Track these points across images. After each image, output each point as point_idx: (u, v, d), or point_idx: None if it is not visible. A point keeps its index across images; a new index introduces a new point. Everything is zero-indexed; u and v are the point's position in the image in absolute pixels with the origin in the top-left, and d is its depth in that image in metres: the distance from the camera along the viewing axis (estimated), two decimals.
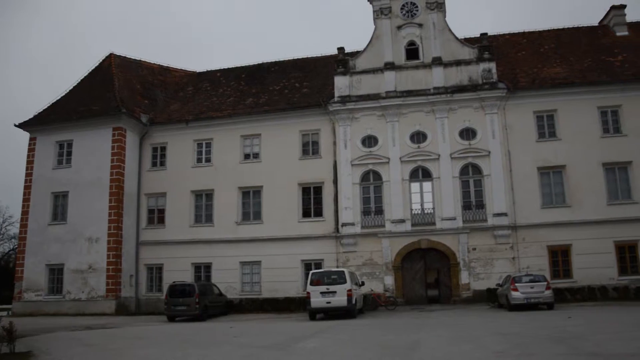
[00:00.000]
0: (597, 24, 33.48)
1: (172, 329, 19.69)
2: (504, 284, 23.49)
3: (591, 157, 27.46)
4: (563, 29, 33.15)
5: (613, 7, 32.58)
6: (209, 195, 30.73)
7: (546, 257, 26.98)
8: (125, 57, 35.21)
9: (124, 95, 31.82)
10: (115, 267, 28.77)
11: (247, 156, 30.90)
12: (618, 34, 31.84)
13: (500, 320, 18.08)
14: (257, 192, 30.26)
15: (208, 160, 31.17)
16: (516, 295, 21.60)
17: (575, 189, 27.41)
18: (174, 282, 25.49)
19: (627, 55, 29.96)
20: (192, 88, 35.07)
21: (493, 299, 25.30)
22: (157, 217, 31.21)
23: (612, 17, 32.57)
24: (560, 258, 26.98)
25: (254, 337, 15.74)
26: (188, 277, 29.10)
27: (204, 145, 31.34)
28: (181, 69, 37.00)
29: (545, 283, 21.99)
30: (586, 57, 30.36)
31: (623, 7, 32.38)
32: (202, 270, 30.00)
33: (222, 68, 36.12)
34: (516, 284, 21.81)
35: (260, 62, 35.60)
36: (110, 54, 34.52)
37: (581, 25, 33.27)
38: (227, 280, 28.92)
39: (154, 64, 36.42)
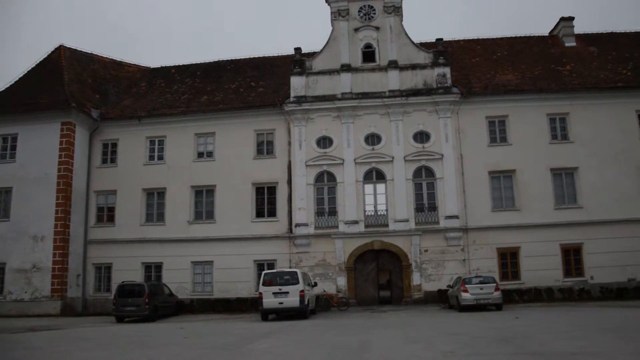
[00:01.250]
0: (547, 34, 34.47)
1: (120, 330, 19.17)
2: (455, 285, 23.89)
3: (540, 162, 28.25)
4: (515, 38, 33.98)
5: (562, 19, 33.62)
6: (161, 193, 30.14)
7: (496, 259, 27.60)
8: (75, 49, 34.04)
9: (74, 89, 30.81)
10: (61, 267, 27.80)
11: (200, 155, 30.46)
12: (567, 44, 32.87)
13: (450, 320, 18.34)
14: (210, 191, 29.86)
15: (161, 158, 30.57)
16: (466, 296, 22.00)
17: (524, 193, 28.13)
18: (123, 281, 24.84)
19: (575, 65, 30.98)
20: (145, 84, 34.33)
21: (444, 300, 25.72)
22: (106, 215, 30.38)
23: (561, 28, 33.59)
24: (509, 260, 27.67)
25: (204, 338, 15.49)
26: (138, 277, 28.41)
27: (156, 142, 30.73)
28: (134, 64, 36.14)
29: (495, 284, 22.49)
30: (537, 66, 31.20)
31: (572, 19, 33.47)
32: (153, 270, 29.38)
33: (176, 65, 35.48)
34: (466, 286, 22.23)
35: (216, 59, 35.15)
36: (60, 46, 33.30)
37: (532, 35, 34.19)
38: (178, 280, 28.42)
39: (106, 57, 35.43)
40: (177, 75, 34.51)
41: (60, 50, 33.04)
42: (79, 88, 31.42)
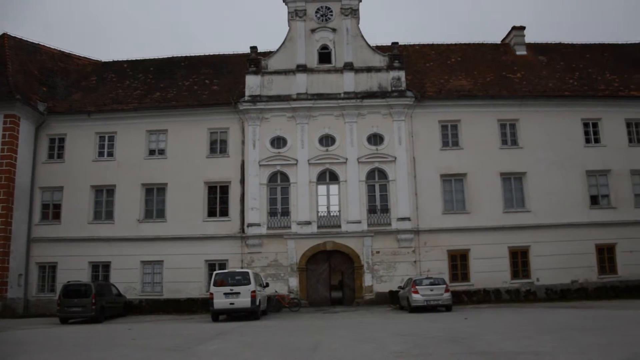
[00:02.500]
0: (499, 42, 35.28)
1: (65, 331, 18.53)
2: (406, 286, 24.11)
3: (490, 166, 28.90)
4: (469, 44, 34.64)
5: (514, 28, 34.50)
6: (110, 191, 29.36)
7: (446, 260, 28.05)
8: (21, 39, 32.45)
9: (19, 81, 29.49)
10: (1, 266, 26.63)
11: (152, 152, 29.85)
12: (518, 52, 33.73)
13: (400, 321, 18.49)
14: (161, 189, 29.28)
15: (110, 154, 29.78)
16: (417, 297, 22.24)
17: (474, 196, 28.69)
18: (68, 281, 24.08)
19: (525, 73, 31.82)
20: (96, 78, 33.33)
21: (395, 301, 25.93)
22: (52, 212, 29.33)
23: (513, 37, 34.45)
24: (459, 262, 28.18)
25: (153, 339, 15.14)
26: (85, 276, 27.57)
27: (106, 138, 29.91)
28: (85, 57, 34.93)
29: (445, 286, 22.81)
30: (489, 72, 31.88)
31: (523, 28, 34.42)
32: (100, 269, 28.55)
33: (129, 59, 34.57)
34: (417, 287, 22.45)
35: (170, 55, 34.49)
36: (4, 34, 31.64)
37: (485, 42, 34.94)
38: (126, 280, 27.75)
39: (54, 49, 34.10)
40: (129, 70, 33.70)
41: (4, 39, 31.39)
42: (24, 79, 30.15)
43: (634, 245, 28.56)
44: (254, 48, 30.45)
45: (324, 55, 30.05)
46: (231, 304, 21.07)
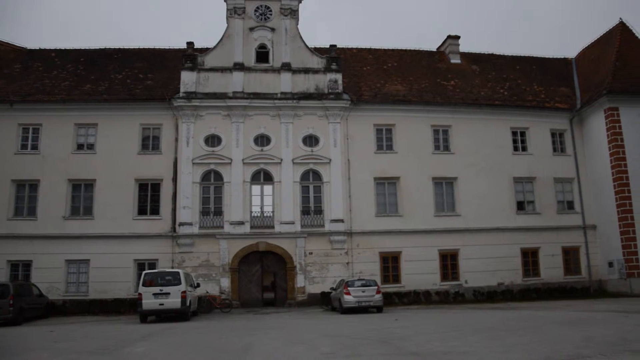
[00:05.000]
0: (435, 50, 36.08)
1: None
2: (338, 288, 24.22)
3: (423, 171, 29.52)
4: (406, 50, 35.24)
5: (449, 37, 35.39)
6: (33, 185, 27.98)
7: (378, 262, 28.39)
8: None
9: None
10: None
11: (80, 146, 28.68)
12: (452, 61, 34.64)
13: (332, 322, 18.54)
14: (89, 185, 28.19)
15: (35, 147, 28.36)
16: (348, 298, 22.36)
17: (407, 200, 29.19)
18: None
19: (458, 81, 32.71)
20: (20, 66, 31.60)
21: (327, 302, 26.01)
22: None
23: (448, 45, 35.33)
24: (390, 264, 28.58)
25: (76, 341, 14.47)
26: (2, 276, 26.18)
27: (30, 130, 28.47)
28: (7, 43, 32.94)
29: (376, 287, 23.06)
30: (424, 79, 32.55)
31: (457, 37, 35.37)
32: (20, 268, 27.08)
33: (57, 48, 33.04)
34: (349, 288, 22.60)
35: (102, 47, 33.25)
36: None
37: (421, 49, 35.65)
38: (50, 280, 26.42)
39: None
40: (57, 60, 32.17)
41: None
42: None
43: (556, 249, 30.01)
44: (190, 44, 29.88)
45: (262, 55, 29.83)
46: (160, 304, 20.58)
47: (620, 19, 33.36)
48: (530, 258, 29.84)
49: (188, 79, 28.91)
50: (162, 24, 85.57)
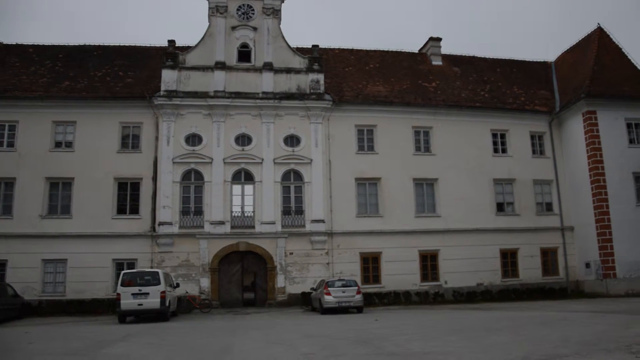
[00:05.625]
0: (417, 52, 36.24)
1: None
2: (318, 288, 24.21)
3: (404, 172, 29.63)
4: (387, 52, 35.34)
5: (431, 39, 35.55)
6: (10, 184, 27.50)
7: (358, 263, 28.44)
8: None
9: None
10: None
11: (58, 144, 28.29)
12: (434, 62, 34.81)
13: (312, 323, 18.53)
14: (67, 184, 27.80)
15: (11, 144, 27.87)
16: (329, 299, 22.36)
17: (387, 200, 29.27)
18: None
19: (440, 82, 32.91)
20: None
21: (307, 302, 25.99)
22: None
23: (429, 47, 35.50)
24: (370, 264, 28.64)
25: (53, 343, 14.22)
26: None
27: (6, 127, 27.96)
28: None
29: (356, 288, 23.08)
30: (405, 80, 32.68)
31: (439, 39, 35.55)
32: None
33: (35, 44, 32.51)
34: (329, 289, 22.61)
35: (82, 43, 32.82)
36: None
37: (403, 50, 35.76)
38: (25, 279, 25.97)
39: None
40: (35, 56, 31.66)
41: None
42: None
43: (534, 250, 30.32)
44: (172, 42, 29.65)
45: (244, 54, 29.72)
46: (139, 304, 20.39)
47: (599, 24, 33.85)
48: (509, 259, 30.12)
49: (169, 78, 28.68)
50: (144, 22, 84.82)
